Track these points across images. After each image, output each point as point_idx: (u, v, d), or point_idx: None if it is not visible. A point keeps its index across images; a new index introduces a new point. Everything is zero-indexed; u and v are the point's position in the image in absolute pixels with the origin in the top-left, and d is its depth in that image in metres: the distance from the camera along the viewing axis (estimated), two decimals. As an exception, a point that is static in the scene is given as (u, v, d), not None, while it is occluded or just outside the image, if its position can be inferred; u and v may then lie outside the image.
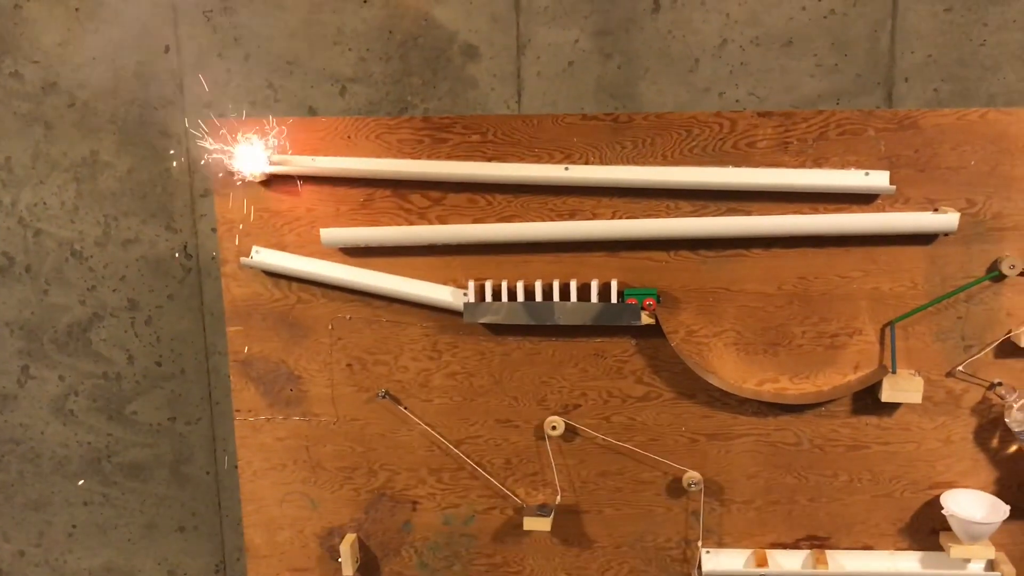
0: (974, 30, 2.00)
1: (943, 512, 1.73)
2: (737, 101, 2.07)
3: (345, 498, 1.93)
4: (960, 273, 1.70)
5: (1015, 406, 1.68)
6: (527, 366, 1.82)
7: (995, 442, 1.76)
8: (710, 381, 1.75)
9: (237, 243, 1.82)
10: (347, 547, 1.89)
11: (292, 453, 1.91)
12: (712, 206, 1.71)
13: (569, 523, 1.89)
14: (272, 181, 1.79)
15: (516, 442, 1.87)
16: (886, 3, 2.00)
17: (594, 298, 1.73)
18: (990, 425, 1.75)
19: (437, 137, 1.74)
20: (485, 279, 1.78)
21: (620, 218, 1.73)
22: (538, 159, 1.73)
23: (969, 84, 2.03)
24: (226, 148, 1.78)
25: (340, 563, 1.90)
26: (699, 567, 1.85)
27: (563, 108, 2.11)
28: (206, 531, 2.47)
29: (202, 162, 2.22)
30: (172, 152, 2.23)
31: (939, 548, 1.80)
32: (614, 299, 1.73)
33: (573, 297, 1.75)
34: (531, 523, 1.82)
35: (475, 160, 1.74)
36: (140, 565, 2.52)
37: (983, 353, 1.72)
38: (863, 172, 1.67)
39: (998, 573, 1.75)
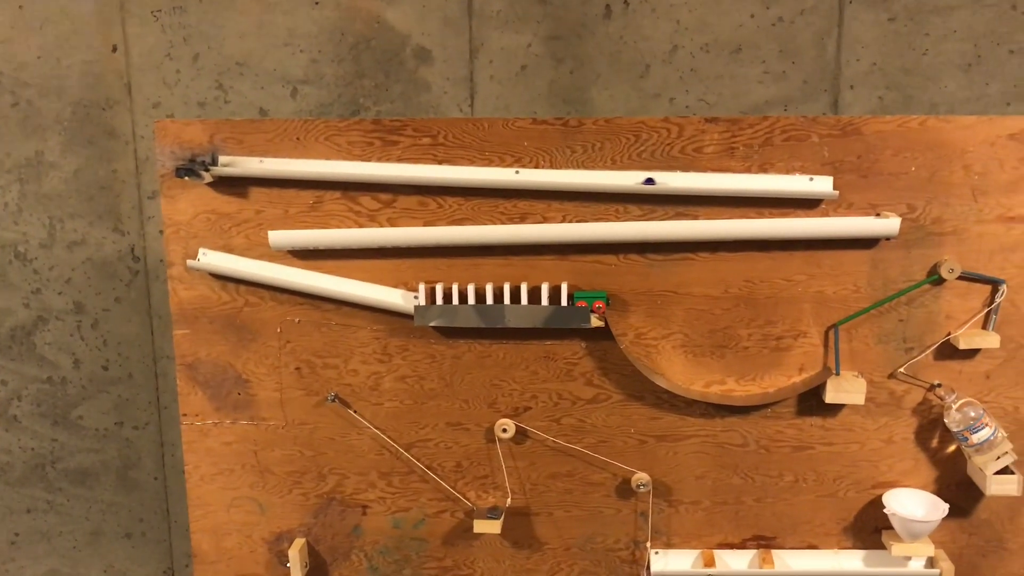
0: (917, 40, 2.05)
1: (885, 511, 1.77)
2: (687, 107, 2.09)
3: (294, 503, 1.91)
4: (901, 277, 1.74)
5: (954, 407, 1.72)
6: (478, 369, 1.83)
7: (935, 442, 1.80)
8: (658, 383, 1.77)
9: (184, 245, 1.80)
10: (296, 552, 1.88)
11: (240, 458, 1.89)
12: (660, 210, 1.73)
13: (519, 525, 1.90)
14: (220, 183, 1.77)
15: (467, 445, 1.87)
16: (832, 12, 2.05)
17: (544, 301, 1.74)
18: (930, 425, 1.79)
19: (388, 139, 1.74)
20: (436, 282, 1.78)
21: (570, 222, 1.75)
22: (489, 162, 1.74)
23: (912, 92, 2.08)
24: (174, 150, 1.76)
25: (289, 568, 1.89)
26: (648, 568, 1.86)
27: (516, 112, 2.12)
28: (154, 537, 2.43)
29: (150, 163, 2.19)
30: (119, 153, 2.19)
31: (882, 546, 1.84)
32: (564, 302, 1.74)
33: (524, 300, 1.75)
34: (481, 526, 1.82)
35: (426, 163, 1.74)
36: (86, 573, 2.48)
37: (924, 355, 1.76)
38: (807, 177, 1.70)
39: (937, 570, 1.79)
